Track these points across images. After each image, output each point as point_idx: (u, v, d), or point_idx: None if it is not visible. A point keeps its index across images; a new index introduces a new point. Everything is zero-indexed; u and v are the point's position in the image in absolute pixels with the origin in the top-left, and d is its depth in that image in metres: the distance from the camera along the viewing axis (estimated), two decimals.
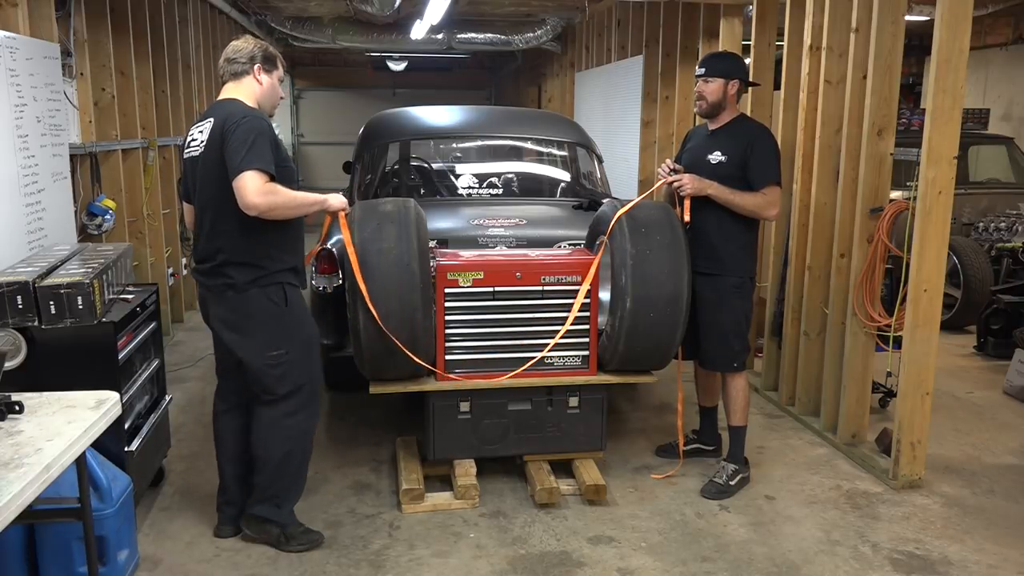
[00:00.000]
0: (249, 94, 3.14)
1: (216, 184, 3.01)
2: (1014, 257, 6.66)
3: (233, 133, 2.92)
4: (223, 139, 2.94)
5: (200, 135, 3.08)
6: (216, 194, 3.02)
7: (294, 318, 3.18)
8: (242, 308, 3.11)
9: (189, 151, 3.15)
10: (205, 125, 3.08)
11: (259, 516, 3.29)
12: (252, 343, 3.14)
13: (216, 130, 2.99)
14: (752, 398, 4.28)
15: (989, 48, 10.02)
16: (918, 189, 3.70)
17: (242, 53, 3.13)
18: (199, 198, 3.14)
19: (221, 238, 3.07)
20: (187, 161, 3.18)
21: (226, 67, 3.15)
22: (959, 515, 3.69)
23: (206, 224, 3.11)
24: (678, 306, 3.60)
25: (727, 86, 3.74)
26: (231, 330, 3.16)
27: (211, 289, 3.14)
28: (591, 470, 3.78)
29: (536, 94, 12.85)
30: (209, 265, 3.12)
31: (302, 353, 3.22)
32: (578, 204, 4.90)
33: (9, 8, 3.71)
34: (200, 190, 3.11)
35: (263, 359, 3.14)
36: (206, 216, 3.11)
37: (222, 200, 2.99)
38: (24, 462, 2.07)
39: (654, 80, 7.24)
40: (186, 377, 5.39)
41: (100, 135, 5.14)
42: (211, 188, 3.05)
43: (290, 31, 9.75)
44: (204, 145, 3.04)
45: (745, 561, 3.28)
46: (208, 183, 3.06)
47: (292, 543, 3.29)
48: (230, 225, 3.03)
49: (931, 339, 3.78)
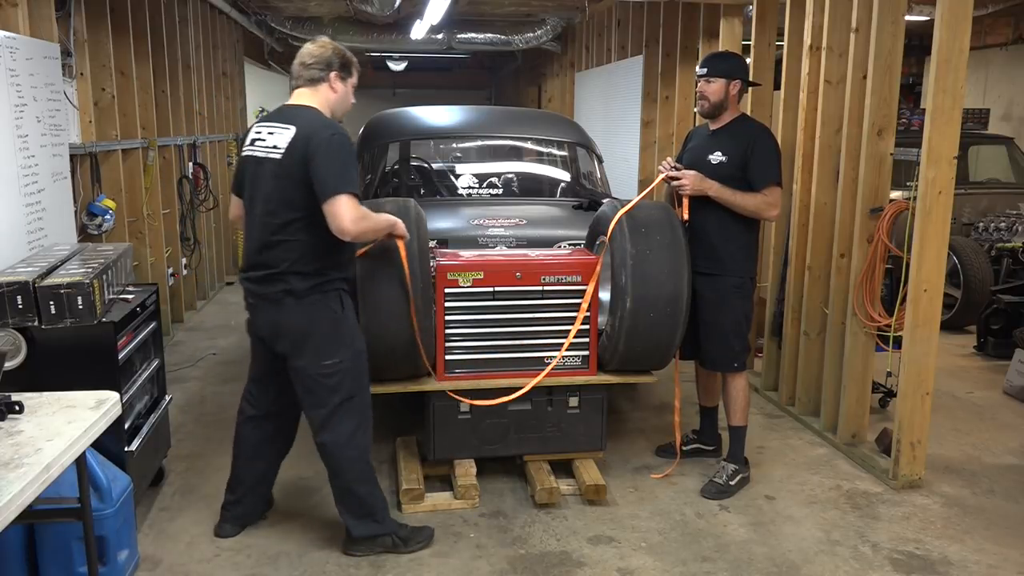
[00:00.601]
0: (323, 102, 3.08)
1: (294, 194, 2.96)
2: (1014, 257, 6.66)
3: (323, 151, 2.90)
4: (309, 154, 2.91)
5: (274, 139, 3.01)
6: (292, 204, 2.97)
7: (349, 326, 3.15)
8: (302, 315, 3.04)
9: (255, 151, 3.07)
10: (282, 131, 3.00)
11: (367, 536, 3.24)
12: (309, 351, 3.06)
13: (299, 141, 2.94)
14: (752, 398, 4.28)
15: (989, 48, 10.02)
16: (918, 189, 3.70)
17: (319, 59, 3.06)
18: (263, 202, 3.04)
19: (290, 247, 3.00)
20: (250, 160, 3.09)
21: (301, 72, 3.07)
22: (959, 515, 3.69)
23: (268, 230, 3.02)
24: (678, 306, 3.60)
25: (729, 86, 3.74)
26: (287, 338, 3.08)
27: (266, 297, 3.05)
28: (591, 470, 3.78)
29: (536, 94, 12.85)
30: (266, 272, 3.03)
31: (355, 362, 3.16)
32: (578, 204, 4.90)
33: (9, 8, 3.71)
34: (268, 196, 3.02)
35: (318, 367, 3.07)
36: (270, 222, 3.02)
37: (299, 210, 2.96)
38: (24, 462, 2.07)
39: (654, 80, 7.24)
40: (186, 377, 5.39)
41: (100, 135, 5.13)
42: (286, 197, 2.99)
43: (290, 31, 9.75)
44: (283, 153, 2.97)
45: (745, 561, 3.28)
46: (281, 191, 2.99)
47: (410, 544, 3.27)
48: (304, 235, 2.99)
49: (931, 339, 3.78)
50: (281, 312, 3.05)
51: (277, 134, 3.02)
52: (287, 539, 3.38)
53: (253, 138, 3.12)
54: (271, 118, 3.13)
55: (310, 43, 3.14)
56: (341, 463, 3.19)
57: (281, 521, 3.53)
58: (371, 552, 3.24)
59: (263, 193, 3.04)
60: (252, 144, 3.11)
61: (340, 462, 3.19)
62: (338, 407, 3.13)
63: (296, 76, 3.10)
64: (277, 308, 3.05)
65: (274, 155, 3.00)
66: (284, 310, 3.05)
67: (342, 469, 3.20)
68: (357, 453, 3.20)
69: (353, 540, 3.26)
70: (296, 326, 3.06)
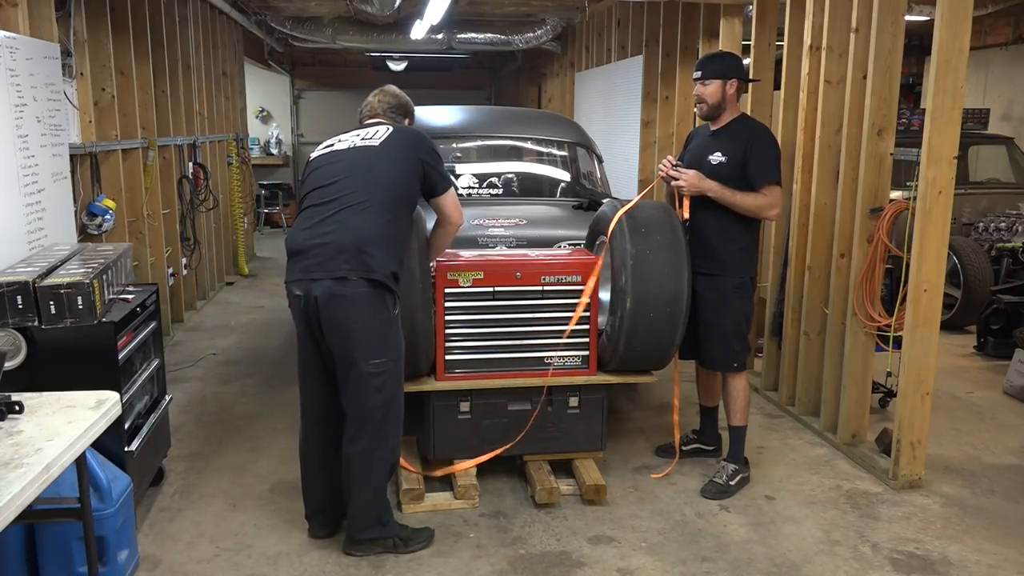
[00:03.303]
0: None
1: (392, 181, 3.12)
2: (1014, 257, 6.66)
3: (428, 154, 3.20)
4: (409, 152, 3.16)
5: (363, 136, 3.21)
6: (385, 197, 3.10)
7: (396, 327, 3.17)
8: (364, 310, 3.04)
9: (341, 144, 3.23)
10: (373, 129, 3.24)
11: (369, 539, 3.24)
12: (362, 347, 3.07)
13: (396, 139, 3.19)
14: (752, 398, 4.27)
15: (989, 48, 10.01)
16: (918, 189, 3.70)
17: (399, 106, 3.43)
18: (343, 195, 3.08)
19: (363, 235, 3.04)
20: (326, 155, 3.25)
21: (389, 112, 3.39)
22: (959, 515, 3.69)
23: (350, 223, 3.04)
24: (678, 306, 3.60)
25: (725, 86, 3.74)
26: (344, 332, 3.06)
27: (330, 290, 3.02)
28: (591, 470, 3.78)
29: (536, 94, 12.84)
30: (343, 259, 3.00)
31: (398, 365, 3.19)
32: (578, 204, 4.90)
33: (9, 8, 3.71)
34: (355, 182, 3.10)
35: (367, 365, 3.08)
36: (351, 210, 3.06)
37: (379, 198, 3.08)
38: (24, 462, 2.07)
39: (654, 80, 7.24)
40: (186, 377, 5.39)
41: (100, 135, 5.13)
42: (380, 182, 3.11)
43: (290, 31, 9.74)
44: (379, 143, 3.17)
45: (745, 561, 3.28)
46: (373, 176, 3.11)
47: (411, 544, 3.28)
48: (390, 231, 3.10)
49: (931, 339, 3.78)
50: (344, 307, 3.04)
51: (371, 134, 3.23)
52: (287, 539, 3.38)
53: (330, 142, 3.29)
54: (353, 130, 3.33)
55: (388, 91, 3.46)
56: (371, 466, 3.19)
57: (281, 521, 3.53)
58: (371, 552, 3.24)
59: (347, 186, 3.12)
60: (330, 145, 3.27)
61: (371, 464, 3.19)
62: (377, 409, 3.14)
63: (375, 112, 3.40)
64: (342, 303, 3.04)
65: (374, 144, 3.18)
66: (347, 305, 3.04)
67: (371, 474, 3.20)
68: (387, 456, 3.24)
69: (355, 541, 3.25)
70: (355, 321, 3.06)
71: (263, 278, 9.02)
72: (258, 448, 4.29)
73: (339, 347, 3.09)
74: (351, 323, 3.05)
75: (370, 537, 3.24)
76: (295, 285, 3.10)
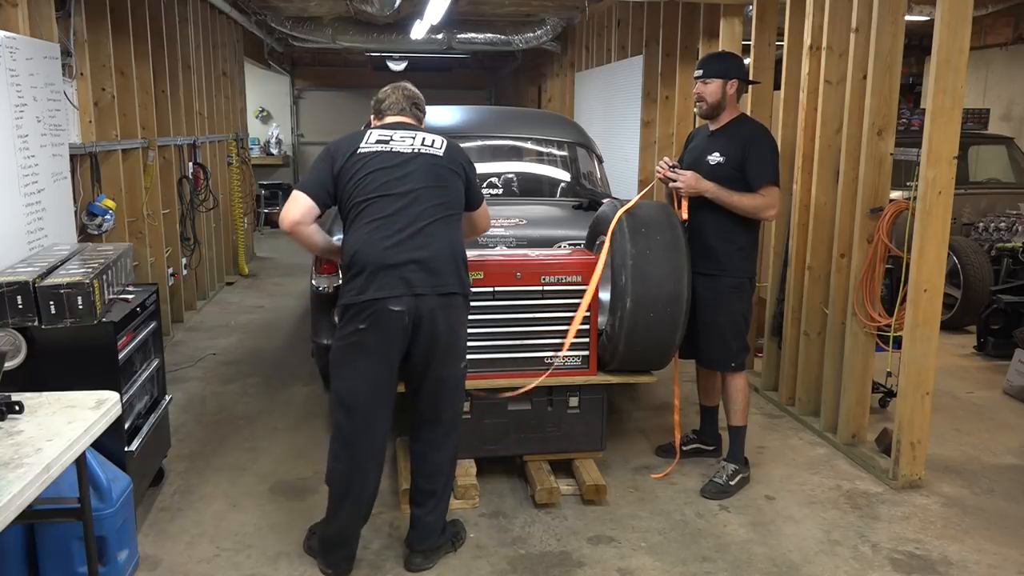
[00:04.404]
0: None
1: (457, 194, 3.13)
2: (1014, 257, 6.65)
3: (471, 166, 3.22)
4: (462, 166, 3.16)
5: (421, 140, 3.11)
6: (459, 210, 3.15)
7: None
8: (463, 322, 3.13)
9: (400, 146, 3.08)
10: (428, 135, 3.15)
11: (438, 546, 3.24)
12: (457, 355, 3.11)
13: (451, 151, 3.15)
14: (752, 398, 4.28)
15: (989, 48, 10.01)
16: (918, 189, 3.70)
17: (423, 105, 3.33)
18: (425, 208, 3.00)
19: (456, 248, 3.07)
20: (385, 155, 3.05)
21: (412, 108, 3.27)
22: (959, 515, 3.69)
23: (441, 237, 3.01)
24: (678, 306, 3.60)
25: (725, 86, 3.75)
26: (445, 344, 3.03)
27: (437, 305, 2.97)
28: (591, 470, 3.78)
29: (536, 94, 12.84)
30: (442, 270, 2.99)
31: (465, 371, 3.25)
32: (578, 204, 4.90)
33: (9, 8, 3.71)
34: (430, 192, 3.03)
35: (460, 370, 3.15)
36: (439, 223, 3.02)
37: (456, 211, 3.12)
38: (24, 462, 2.07)
39: (654, 80, 7.24)
40: (186, 377, 5.39)
41: (100, 135, 5.13)
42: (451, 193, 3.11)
43: (290, 31, 9.74)
44: (442, 152, 3.12)
45: (745, 561, 3.28)
46: (445, 186, 3.09)
47: (460, 538, 3.35)
48: (459, 236, 3.12)
49: (931, 339, 3.78)
50: (448, 315, 3.02)
51: (422, 136, 3.14)
52: (287, 539, 3.38)
53: (381, 138, 3.11)
54: (392, 127, 3.18)
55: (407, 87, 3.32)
56: (454, 468, 3.30)
57: (281, 521, 3.53)
58: (437, 561, 3.20)
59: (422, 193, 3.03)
60: (383, 143, 3.09)
61: (455, 466, 3.30)
62: (460, 410, 3.26)
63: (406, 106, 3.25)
64: (447, 312, 3.02)
65: (436, 152, 3.11)
66: (451, 313, 3.03)
67: (449, 479, 3.26)
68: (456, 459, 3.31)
69: (430, 552, 3.19)
70: (455, 329, 3.07)
71: (263, 278, 9.02)
72: (258, 448, 4.29)
73: (437, 358, 3.03)
74: (453, 335, 3.06)
75: (439, 544, 3.24)
76: (393, 301, 2.90)
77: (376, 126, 3.22)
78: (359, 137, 3.12)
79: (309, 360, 5.13)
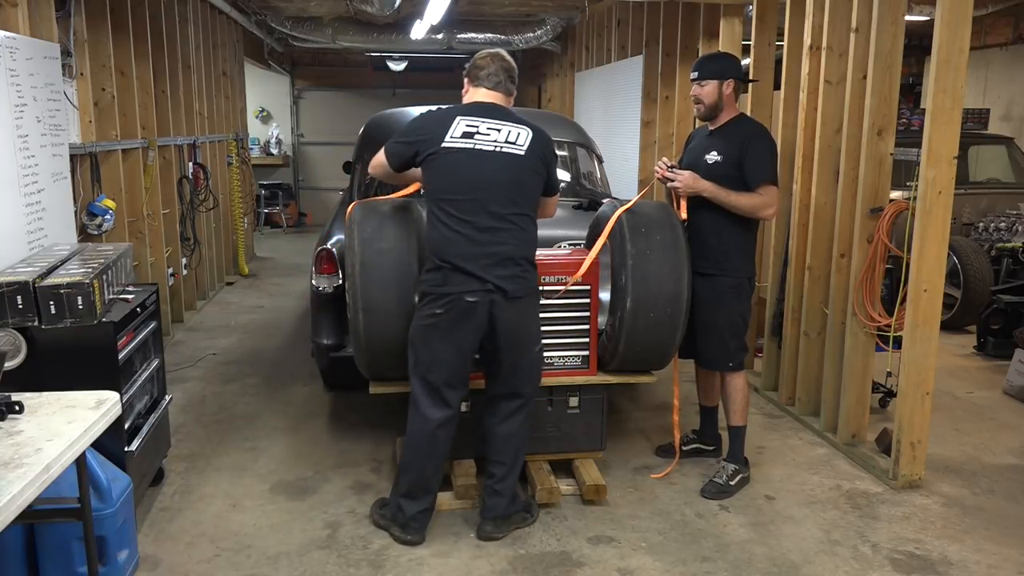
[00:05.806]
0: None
1: (534, 192, 3.31)
2: (1014, 257, 6.66)
3: (554, 156, 3.38)
4: (545, 161, 3.30)
5: (506, 136, 3.23)
6: (532, 208, 3.30)
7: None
8: (531, 311, 3.36)
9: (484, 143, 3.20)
10: (513, 128, 3.25)
11: (511, 514, 3.44)
12: (534, 336, 3.38)
13: (536, 146, 3.26)
14: (752, 398, 4.28)
15: (989, 48, 10.01)
16: (918, 189, 3.70)
17: (515, 76, 3.41)
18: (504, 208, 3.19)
19: (528, 240, 3.26)
20: (468, 152, 3.20)
21: (507, 82, 3.37)
22: (959, 515, 3.69)
23: (518, 235, 3.22)
24: (678, 306, 3.59)
25: (722, 86, 3.74)
26: (523, 328, 3.31)
27: (515, 295, 3.21)
28: (591, 470, 3.78)
29: (536, 94, 12.84)
30: (514, 268, 3.21)
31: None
32: (578, 204, 4.90)
33: (9, 8, 3.71)
34: (507, 191, 3.21)
35: (536, 349, 3.40)
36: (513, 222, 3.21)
37: (528, 211, 3.27)
38: (24, 462, 2.07)
39: (654, 80, 7.24)
40: (186, 377, 5.39)
41: (100, 135, 5.13)
42: (527, 193, 3.28)
43: (290, 31, 9.74)
44: (524, 151, 3.24)
45: (745, 561, 3.28)
46: (521, 186, 3.25)
47: (532, 512, 3.53)
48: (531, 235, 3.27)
49: (931, 339, 3.78)
50: (517, 307, 3.25)
51: (514, 132, 3.25)
52: (287, 539, 3.38)
53: (467, 131, 3.23)
54: (486, 113, 3.28)
55: (505, 55, 3.42)
56: (523, 445, 3.46)
57: (281, 521, 3.53)
58: (510, 530, 3.41)
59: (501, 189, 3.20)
60: (468, 137, 3.22)
61: (523, 444, 3.46)
62: (536, 389, 3.48)
63: (500, 80, 3.36)
64: (515, 305, 3.24)
65: (519, 152, 3.23)
66: (520, 305, 3.26)
67: (520, 452, 3.46)
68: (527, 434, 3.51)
69: (503, 520, 3.41)
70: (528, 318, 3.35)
71: (263, 278, 9.02)
72: (258, 448, 4.29)
73: (513, 347, 3.30)
74: (525, 326, 3.33)
75: (510, 513, 3.43)
76: (470, 294, 3.15)
77: (465, 108, 3.33)
78: (445, 126, 3.23)
79: (309, 360, 5.14)
